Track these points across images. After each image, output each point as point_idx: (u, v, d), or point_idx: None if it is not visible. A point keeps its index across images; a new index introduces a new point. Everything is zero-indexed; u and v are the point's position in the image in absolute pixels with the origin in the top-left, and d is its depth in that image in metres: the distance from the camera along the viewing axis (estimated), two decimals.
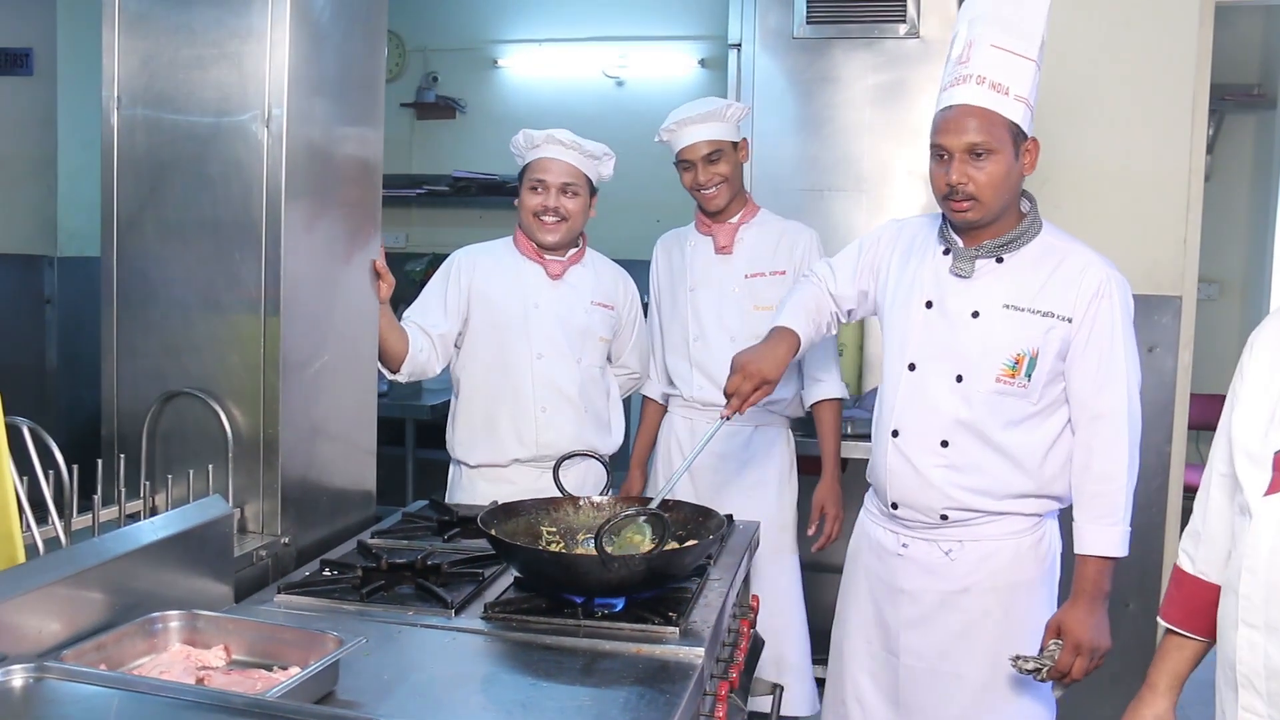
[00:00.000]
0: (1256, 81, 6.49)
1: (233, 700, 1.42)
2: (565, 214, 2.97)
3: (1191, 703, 4.34)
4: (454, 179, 6.23)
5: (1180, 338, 3.42)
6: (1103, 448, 2.30)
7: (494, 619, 1.94)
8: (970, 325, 2.33)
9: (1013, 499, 2.35)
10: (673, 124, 3.18)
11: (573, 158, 2.98)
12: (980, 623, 2.38)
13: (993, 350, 2.31)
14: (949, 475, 2.35)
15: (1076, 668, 2.27)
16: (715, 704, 1.89)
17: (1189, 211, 3.41)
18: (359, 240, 2.51)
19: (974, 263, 2.33)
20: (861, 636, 2.53)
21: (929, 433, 2.37)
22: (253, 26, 2.18)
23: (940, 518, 2.37)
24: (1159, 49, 3.40)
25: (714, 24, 5.72)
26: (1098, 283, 2.29)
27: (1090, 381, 2.30)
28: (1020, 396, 2.31)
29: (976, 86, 2.22)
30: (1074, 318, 2.29)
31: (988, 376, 2.31)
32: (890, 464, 2.42)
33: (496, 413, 3.01)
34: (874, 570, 2.51)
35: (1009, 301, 2.31)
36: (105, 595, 1.69)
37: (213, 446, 2.21)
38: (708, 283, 3.29)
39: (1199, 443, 6.34)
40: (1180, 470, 3.48)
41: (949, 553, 2.39)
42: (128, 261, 2.27)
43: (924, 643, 2.42)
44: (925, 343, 2.38)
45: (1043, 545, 2.40)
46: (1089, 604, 2.29)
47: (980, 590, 2.38)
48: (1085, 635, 2.26)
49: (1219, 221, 6.17)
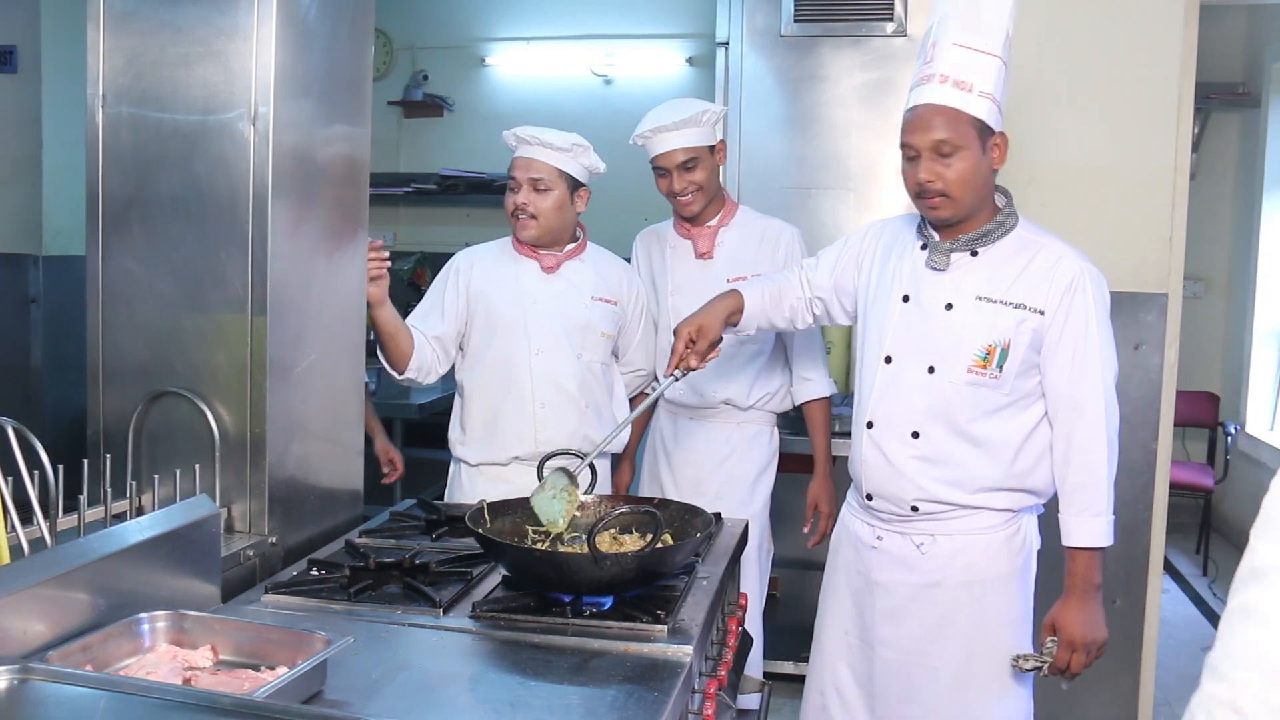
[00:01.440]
0: (1241, 80, 6.52)
1: (220, 700, 1.42)
2: (534, 211, 2.96)
3: (1178, 698, 4.36)
4: (442, 177, 6.22)
5: (1166, 335, 3.44)
6: (1082, 440, 2.32)
7: (482, 618, 1.94)
8: (943, 317, 2.36)
9: (985, 492, 2.36)
10: (648, 130, 3.14)
11: (538, 153, 2.96)
12: (952, 616, 2.38)
13: (964, 341, 2.33)
14: (920, 466, 2.36)
15: (1075, 663, 2.30)
16: (704, 702, 1.89)
17: (1174, 209, 3.43)
18: (346, 239, 2.50)
19: (949, 256, 2.36)
20: (839, 627, 2.55)
21: (901, 423, 2.39)
22: (239, 25, 2.17)
23: (910, 509, 2.38)
24: (1144, 48, 3.41)
25: (701, 22, 5.73)
26: (1071, 276, 2.31)
27: (1065, 374, 2.32)
28: (992, 387, 2.33)
29: (940, 85, 2.26)
30: (1046, 310, 2.31)
31: (959, 367, 2.33)
32: (865, 455, 2.45)
33: (497, 411, 3.01)
34: (851, 562, 2.53)
35: (982, 294, 2.33)
36: (91, 596, 1.68)
37: (199, 446, 2.21)
38: (689, 288, 3.26)
39: (1184, 439, 6.38)
40: (1166, 467, 3.50)
41: (920, 546, 2.40)
42: (113, 260, 2.27)
43: (898, 634, 2.43)
44: (901, 336, 2.41)
45: (1016, 540, 2.40)
46: (1080, 599, 2.31)
47: (952, 584, 2.39)
48: (1078, 631, 2.29)
49: (1204, 219, 6.21)
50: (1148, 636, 3.51)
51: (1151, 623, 3.51)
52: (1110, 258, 3.41)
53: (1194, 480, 5.84)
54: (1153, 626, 3.52)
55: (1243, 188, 6.59)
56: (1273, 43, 6.19)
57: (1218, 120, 6.64)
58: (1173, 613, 5.18)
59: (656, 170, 3.19)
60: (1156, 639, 3.53)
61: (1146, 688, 3.54)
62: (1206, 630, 5.09)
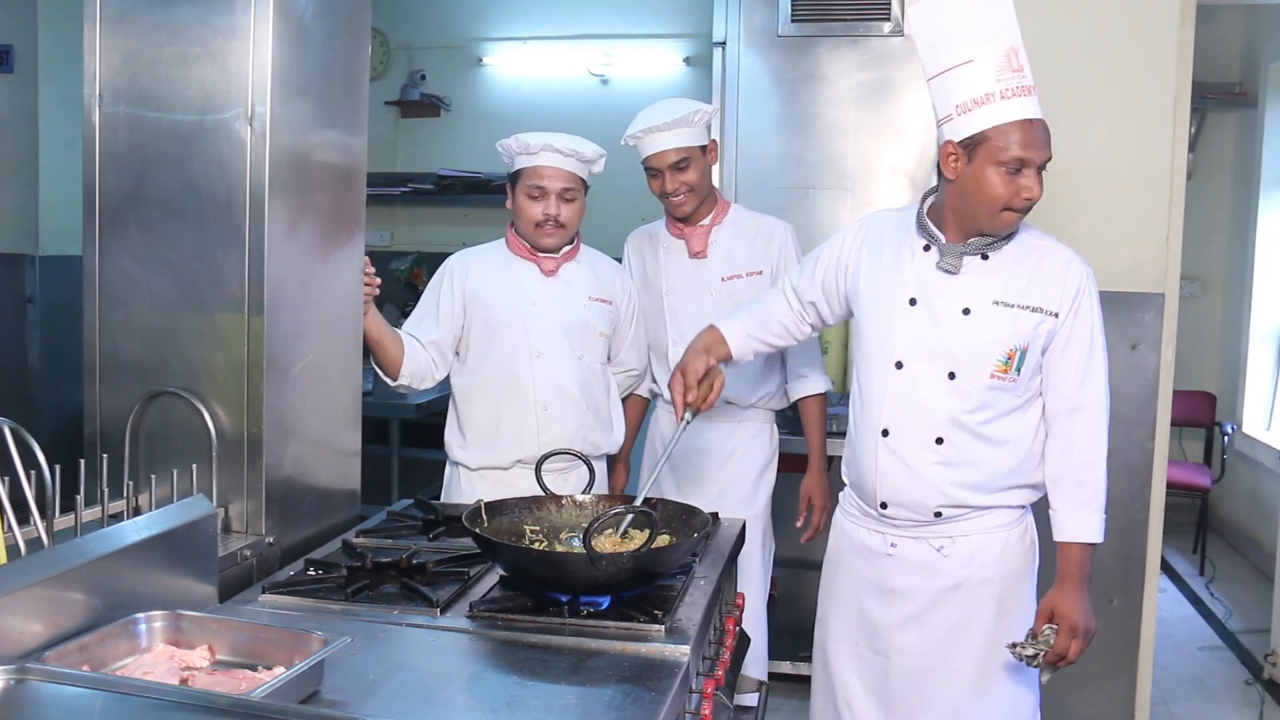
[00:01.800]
0: (1238, 80, 6.53)
1: (217, 700, 1.41)
2: (564, 221, 2.96)
3: (1175, 697, 4.37)
4: (439, 177, 6.22)
5: (1163, 334, 3.44)
6: (1085, 439, 2.36)
7: (479, 618, 1.93)
8: (962, 322, 2.35)
9: (1002, 491, 2.38)
10: (639, 131, 3.13)
11: (571, 165, 2.94)
12: (975, 616, 2.40)
13: (986, 346, 2.34)
14: (944, 472, 2.36)
15: (1073, 650, 2.31)
16: (701, 702, 1.89)
17: (1171, 209, 3.43)
18: (343, 239, 2.50)
19: (961, 259, 2.35)
20: (847, 639, 2.53)
21: (922, 430, 2.38)
22: (236, 24, 2.17)
23: (934, 515, 2.38)
24: (1141, 48, 3.41)
25: (699, 22, 5.73)
26: (1080, 279, 2.35)
27: (1074, 375, 2.35)
28: (1009, 390, 2.35)
29: (1034, 99, 2.27)
30: (1060, 313, 2.34)
31: (982, 373, 2.34)
32: (881, 463, 2.42)
33: (498, 414, 2.99)
34: (860, 571, 2.51)
35: (999, 298, 2.34)
36: (88, 596, 1.68)
37: (196, 446, 2.21)
38: (683, 288, 3.26)
39: (1181, 439, 6.39)
40: (1163, 467, 3.50)
41: (940, 549, 2.40)
42: (110, 260, 2.26)
43: (918, 641, 2.43)
44: (912, 340, 2.39)
45: (1027, 536, 2.45)
46: (1077, 588, 2.34)
47: (973, 584, 2.40)
48: (1081, 619, 2.31)
49: (1201, 219, 6.22)
50: (1145, 636, 3.52)
51: (1149, 622, 3.52)
52: (1107, 257, 3.42)
53: (1191, 480, 5.84)
54: (1150, 626, 3.52)
55: (1239, 187, 6.60)
56: (1269, 42, 6.20)
57: (1214, 120, 6.65)
58: (1170, 612, 5.19)
59: (649, 171, 3.18)
60: (1154, 639, 3.54)
61: (1144, 687, 3.54)
62: (1203, 630, 5.10)
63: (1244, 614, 5.26)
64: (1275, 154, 6.20)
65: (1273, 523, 4.89)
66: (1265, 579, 5.42)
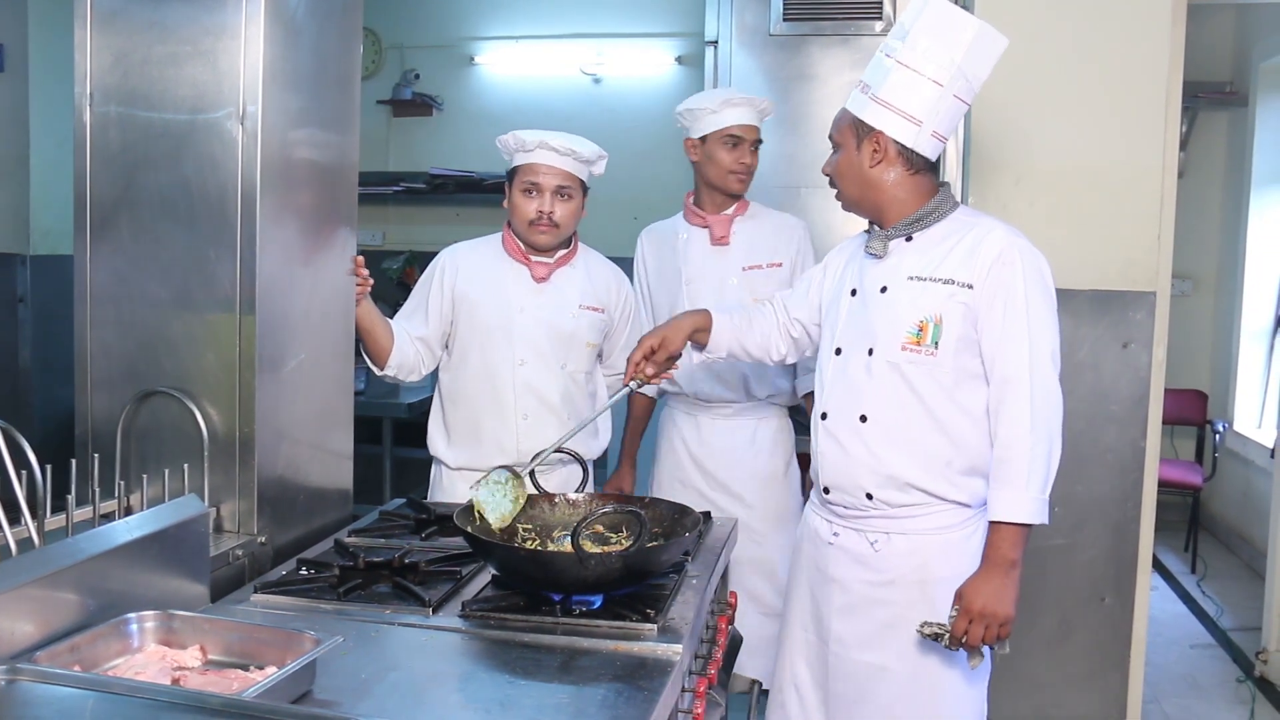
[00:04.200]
0: (1229, 79, 6.55)
1: (209, 700, 1.41)
2: (558, 219, 2.94)
3: (1166, 695, 4.37)
4: (431, 176, 6.21)
5: (1154, 333, 3.45)
6: (1007, 412, 2.29)
7: (472, 617, 1.94)
8: (879, 300, 2.40)
9: (943, 481, 2.35)
10: (739, 97, 3.24)
11: (567, 163, 2.93)
12: (906, 616, 2.37)
13: (898, 319, 2.36)
14: (870, 450, 2.37)
15: (972, 634, 2.25)
16: (694, 700, 1.89)
17: (1163, 208, 3.44)
18: (335, 238, 2.50)
19: (887, 243, 2.41)
20: (799, 624, 2.55)
21: (849, 409, 2.41)
22: (227, 23, 2.17)
23: (865, 496, 2.38)
24: (1132, 47, 3.42)
25: (691, 21, 5.73)
26: (998, 250, 2.31)
27: (994, 346, 2.31)
28: (932, 365, 2.33)
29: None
30: (974, 284, 2.31)
31: (894, 345, 2.36)
32: (821, 447, 2.46)
33: (479, 419, 2.98)
34: (810, 558, 2.54)
35: (914, 273, 2.37)
36: (79, 596, 1.68)
37: (188, 446, 2.20)
38: (704, 275, 3.29)
39: (1173, 437, 6.41)
40: (1155, 465, 3.50)
41: (874, 544, 2.40)
42: (101, 260, 2.26)
43: (851, 632, 2.43)
44: (848, 326, 2.46)
45: (973, 542, 2.36)
46: (989, 571, 2.27)
47: (907, 583, 2.38)
48: (977, 602, 2.25)
49: (1192, 218, 6.24)
50: (1136, 634, 3.52)
51: (1140, 620, 3.52)
52: (1099, 256, 3.44)
53: (1182, 478, 5.86)
54: (1141, 624, 3.53)
55: (1230, 186, 6.62)
56: (1260, 42, 6.22)
57: (1205, 119, 6.67)
58: (1161, 610, 5.21)
59: (729, 139, 3.23)
60: (1145, 636, 3.54)
61: (1135, 685, 3.55)
62: (1195, 628, 5.11)
63: (1235, 611, 5.28)
64: (1266, 153, 6.22)
65: (1264, 520, 4.90)
66: (1256, 576, 5.44)
